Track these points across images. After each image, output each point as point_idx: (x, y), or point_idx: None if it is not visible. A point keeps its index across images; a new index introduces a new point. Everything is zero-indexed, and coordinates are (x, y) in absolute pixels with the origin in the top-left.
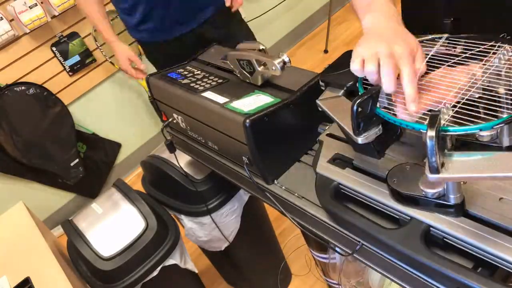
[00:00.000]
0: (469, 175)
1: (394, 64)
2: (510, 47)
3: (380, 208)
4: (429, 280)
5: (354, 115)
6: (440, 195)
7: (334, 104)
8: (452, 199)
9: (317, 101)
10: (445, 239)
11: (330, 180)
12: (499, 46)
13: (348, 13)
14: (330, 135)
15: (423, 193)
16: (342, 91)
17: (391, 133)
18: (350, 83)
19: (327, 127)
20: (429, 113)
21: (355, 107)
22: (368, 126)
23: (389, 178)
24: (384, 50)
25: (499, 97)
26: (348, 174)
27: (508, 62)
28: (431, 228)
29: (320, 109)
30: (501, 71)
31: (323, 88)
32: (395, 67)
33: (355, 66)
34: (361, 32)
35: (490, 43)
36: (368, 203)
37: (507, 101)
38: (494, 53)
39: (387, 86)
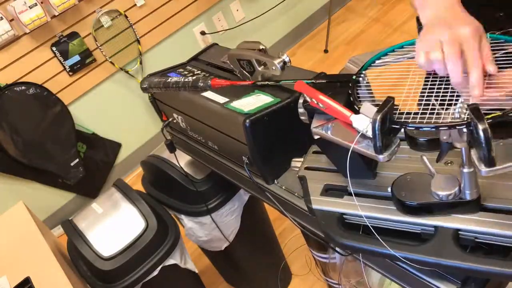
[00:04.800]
0: None
1: (459, 49)
2: None
3: (391, 227)
4: (429, 279)
5: (377, 132)
6: (456, 195)
7: (333, 129)
8: (468, 195)
9: (313, 129)
10: (476, 239)
11: (331, 213)
12: None
13: (348, 13)
14: (309, 168)
15: (438, 197)
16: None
17: None
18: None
19: (300, 162)
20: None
21: (377, 123)
22: (387, 141)
23: (396, 192)
24: (446, 37)
25: None
26: (349, 201)
27: None
28: (459, 232)
29: (316, 137)
30: None
31: (303, 118)
32: (459, 53)
33: (420, 60)
34: (361, 32)
35: None
36: (377, 225)
37: None
38: None
39: (453, 75)
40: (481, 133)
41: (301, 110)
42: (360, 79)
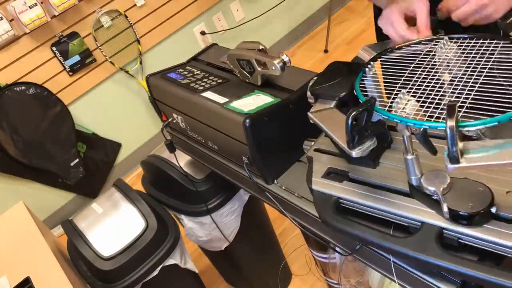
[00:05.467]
0: (489, 163)
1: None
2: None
3: (382, 217)
4: (429, 279)
5: (348, 128)
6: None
7: (326, 117)
8: (413, 180)
9: (309, 114)
10: (460, 240)
11: (328, 196)
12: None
13: (348, 13)
14: (318, 150)
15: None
16: (334, 102)
17: (383, 141)
18: (343, 94)
19: (312, 143)
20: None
21: (349, 120)
22: (362, 139)
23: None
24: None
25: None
26: (347, 187)
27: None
28: (444, 231)
29: (311, 122)
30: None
31: (311, 101)
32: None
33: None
34: (361, 32)
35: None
36: (370, 213)
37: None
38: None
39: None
40: (448, 130)
41: (309, 93)
42: (367, 69)
